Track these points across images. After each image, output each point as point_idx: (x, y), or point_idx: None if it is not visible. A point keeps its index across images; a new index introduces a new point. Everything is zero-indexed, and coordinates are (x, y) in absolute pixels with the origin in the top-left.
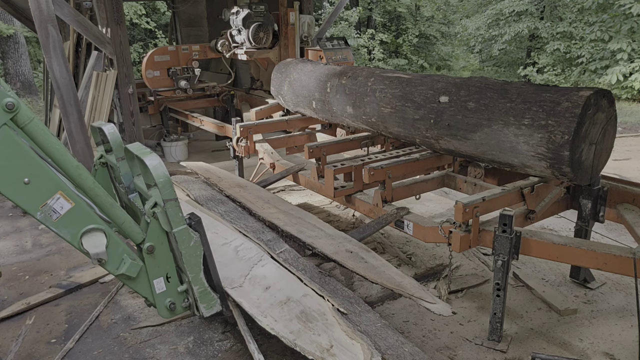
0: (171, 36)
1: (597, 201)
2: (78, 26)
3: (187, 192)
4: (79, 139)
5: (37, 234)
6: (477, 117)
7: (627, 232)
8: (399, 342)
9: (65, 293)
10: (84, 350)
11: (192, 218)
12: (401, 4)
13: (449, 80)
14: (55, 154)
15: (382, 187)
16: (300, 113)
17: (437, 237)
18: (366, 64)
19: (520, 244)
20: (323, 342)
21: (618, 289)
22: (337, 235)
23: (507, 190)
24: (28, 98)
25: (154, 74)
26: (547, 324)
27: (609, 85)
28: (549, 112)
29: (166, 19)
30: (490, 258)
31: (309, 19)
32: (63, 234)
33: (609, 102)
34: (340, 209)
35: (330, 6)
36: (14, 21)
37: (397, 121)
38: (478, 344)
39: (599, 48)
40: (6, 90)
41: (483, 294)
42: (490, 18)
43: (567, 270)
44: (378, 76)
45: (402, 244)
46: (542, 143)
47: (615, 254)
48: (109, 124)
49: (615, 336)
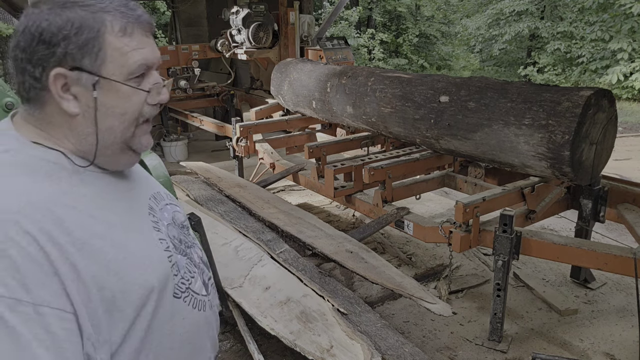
0: (171, 36)
1: (598, 201)
2: None
3: (187, 192)
4: None
5: None
6: (477, 117)
7: (627, 232)
8: (399, 342)
9: None
10: None
11: (192, 218)
12: (401, 4)
13: (449, 80)
14: None
15: (382, 187)
16: (300, 113)
17: (438, 237)
18: (366, 63)
19: (521, 244)
20: (323, 343)
21: (618, 289)
22: (337, 235)
23: (508, 190)
24: None
25: None
26: (548, 324)
27: (609, 85)
28: (550, 112)
29: (166, 18)
30: (490, 258)
31: (309, 19)
32: None
33: (610, 102)
34: (340, 209)
35: (330, 6)
36: (13, 21)
37: (397, 121)
38: (478, 344)
39: (599, 48)
40: (6, 90)
41: (483, 294)
42: (490, 18)
43: (567, 271)
44: (378, 76)
45: (402, 244)
46: (543, 143)
47: (615, 254)
48: None
49: (616, 336)
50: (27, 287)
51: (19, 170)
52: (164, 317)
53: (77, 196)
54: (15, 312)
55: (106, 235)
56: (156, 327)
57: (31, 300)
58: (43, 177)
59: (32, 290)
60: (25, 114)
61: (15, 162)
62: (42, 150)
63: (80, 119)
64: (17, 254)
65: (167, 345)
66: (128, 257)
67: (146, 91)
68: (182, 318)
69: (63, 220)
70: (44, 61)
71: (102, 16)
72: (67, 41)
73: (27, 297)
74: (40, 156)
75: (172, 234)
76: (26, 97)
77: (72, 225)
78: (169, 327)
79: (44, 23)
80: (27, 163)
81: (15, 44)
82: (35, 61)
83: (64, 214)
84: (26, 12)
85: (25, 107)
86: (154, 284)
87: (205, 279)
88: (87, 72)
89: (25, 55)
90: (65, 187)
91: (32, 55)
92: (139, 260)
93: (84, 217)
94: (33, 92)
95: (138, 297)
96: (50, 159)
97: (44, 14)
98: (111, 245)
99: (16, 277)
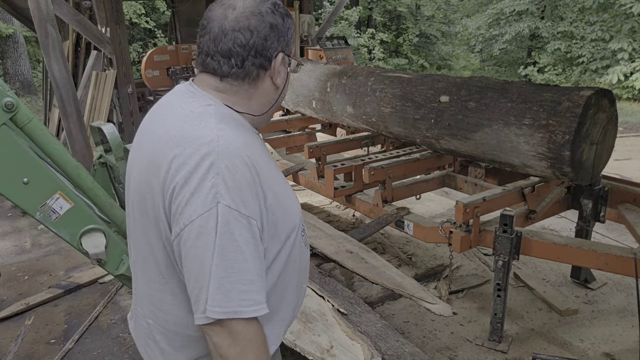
0: (171, 36)
1: (598, 201)
2: (77, 26)
3: None
4: (78, 138)
5: (37, 234)
6: (477, 116)
7: (628, 232)
8: (399, 342)
9: (65, 293)
10: (83, 351)
11: None
12: (401, 4)
13: (449, 79)
14: (54, 153)
15: (383, 187)
16: (300, 113)
17: (438, 237)
18: (366, 63)
19: (521, 244)
20: (323, 343)
21: (619, 290)
22: (337, 235)
23: (508, 190)
24: (27, 98)
25: (153, 74)
26: (548, 325)
27: (609, 85)
28: (550, 111)
29: (166, 18)
30: (490, 258)
31: (309, 19)
32: (62, 234)
33: (610, 101)
34: (340, 209)
35: (331, 5)
36: (13, 21)
37: (398, 121)
38: (479, 345)
39: (599, 48)
40: (5, 90)
41: (484, 295)
42: (490, 17)
43: (567, 271)
44: (378, 76)
45: (402, 244)
46: (543, 143)
47: (616, 254)
48: (108, 123)
49: (616, 337)
50: (244, 202)
51: (228, 121)
52: (298, 249)
53: (260, 147)
54: (237, 222)
55: (276, 179)
56: (293, 255)
57: (247, 214)
58: (241, 128)
59: (247, 205)
60: (221, 85)
61: (219, 113)
62: (230, 110)
63: (277, 91)
64: (242, 177)
65: (297, 269)
66: (288, 198)
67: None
68: (303, 252)
69: (258, 161)
70: (271, 47)
71: (288, 16)
72: (279, 32)
73: (245, 211)
74: (230, 114)
75: None
76: (241, 75)
77: (262, 166)
78: (299, 256)
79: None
80: (225, 116)
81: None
82: (268, 47)
83: (257, 158)
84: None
85: (228, 81)
86: (296, 222)
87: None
88: (287, 55)
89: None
90: (253, 138)
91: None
92: (292, 203)
93: (265, 163)
94: (254, 71)
95: (290, 227)
96: (237, 117)
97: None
98: (280, 187)
99: (236, 193)
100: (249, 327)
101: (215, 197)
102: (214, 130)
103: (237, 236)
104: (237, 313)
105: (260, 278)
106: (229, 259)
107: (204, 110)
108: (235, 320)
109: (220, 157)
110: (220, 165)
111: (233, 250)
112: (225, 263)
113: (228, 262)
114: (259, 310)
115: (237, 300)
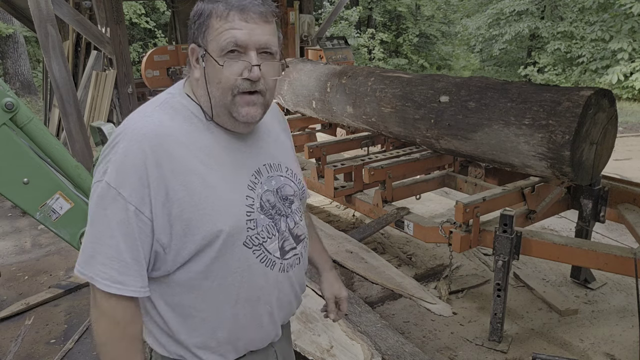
0: (171, 36)
1: (598, 201)
2: (77, 26)
3: None
4: (78, 138)
5: (37, 234)
6: (477, 116)
7: (627, 232)
8: (399, 342)
9: (65, 293)
10: (83, 351)
11: None
12: (401, 4)
13: (449, 79)
14: (54, 153)
15: (382, 187)
16: (300, 113)
17: (438, 237)
18: (366, 63)
19: (521, 244)
20: (323, 343)
21: (619, 289)
22: (337, 235)
23: (508, 190)
24: (27, 98)
25: (153, 74)
26: (548, 325)
27: (609, 85)
28: (550, 111)
29: (166, 18)
30: (490, 258)
31: (309, 19)
32: (62, 234)
33: (610, 101)
34: (340, 209)
35: (331, 5)
36: (13, 21)
37: (398, 121)
38: (478, 345)
39: (599, 48)
40: (5, 90)
41: (483, 295)
42: (490, 17)
43: (567, 271)
44: (378, 76)
45: (402, 244)
46: (543, 143)
47: (616, 254)
48: (108, 123)
49: (616, 337)
50: (124, 185)
51: (166, 109)
52: (232, 257)
53: (194, 139)
54: (113, 200)
55: (202, 175)
56: (223, 262)
57: (125, 196)
58: (179, 118)
59: (127, 189)
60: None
61: (167, 102)
62: (188, 100)
63: (201, 83)
64: (129, 160)
65: (230, 281)
66: (210, 197)
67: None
68: (247, 265)
69: (172, 151)
70: (189, 37)
71: (212, 5)
72: (194, 24)
73: (124, 193)
74: (185, 104)
75: (267, 198)
76: (189, 63)
77: (178, 157)
78: (234, 266)
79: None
80: (174, 106)
81: None
82: (190, 35)
83: (176, 148)
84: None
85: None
86: (222, 227)
87: (286, 246)
88: (200, 47)
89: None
90: (190, 129)
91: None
92: (218, 204)
93: (191, 155)
94: (191, 60)
95: (208, 230)
96: (191, 107)
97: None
98: (202, 183)
99: (121, 174)
100: (106, 299)
101: (105, 172)
102: (142, 116)
103: (109, 212)
104: (93, 280)
105: (133, 261)
106: (98, 230)
107: (156, 98)
108: (96, 287)
109: (123, 139)
110: (119, 147)
111: (102, 223)
112: (94, 231)
113: (97, 232)
114: (113, 288)
115: (96, 268)
